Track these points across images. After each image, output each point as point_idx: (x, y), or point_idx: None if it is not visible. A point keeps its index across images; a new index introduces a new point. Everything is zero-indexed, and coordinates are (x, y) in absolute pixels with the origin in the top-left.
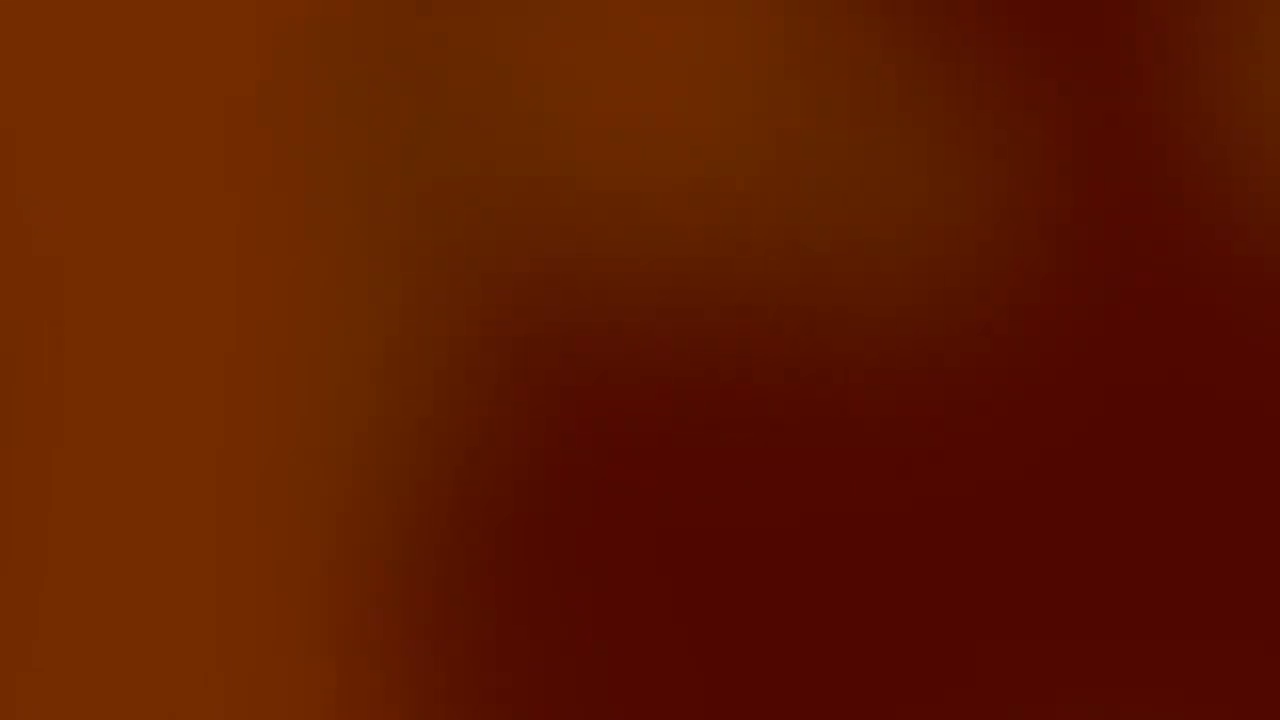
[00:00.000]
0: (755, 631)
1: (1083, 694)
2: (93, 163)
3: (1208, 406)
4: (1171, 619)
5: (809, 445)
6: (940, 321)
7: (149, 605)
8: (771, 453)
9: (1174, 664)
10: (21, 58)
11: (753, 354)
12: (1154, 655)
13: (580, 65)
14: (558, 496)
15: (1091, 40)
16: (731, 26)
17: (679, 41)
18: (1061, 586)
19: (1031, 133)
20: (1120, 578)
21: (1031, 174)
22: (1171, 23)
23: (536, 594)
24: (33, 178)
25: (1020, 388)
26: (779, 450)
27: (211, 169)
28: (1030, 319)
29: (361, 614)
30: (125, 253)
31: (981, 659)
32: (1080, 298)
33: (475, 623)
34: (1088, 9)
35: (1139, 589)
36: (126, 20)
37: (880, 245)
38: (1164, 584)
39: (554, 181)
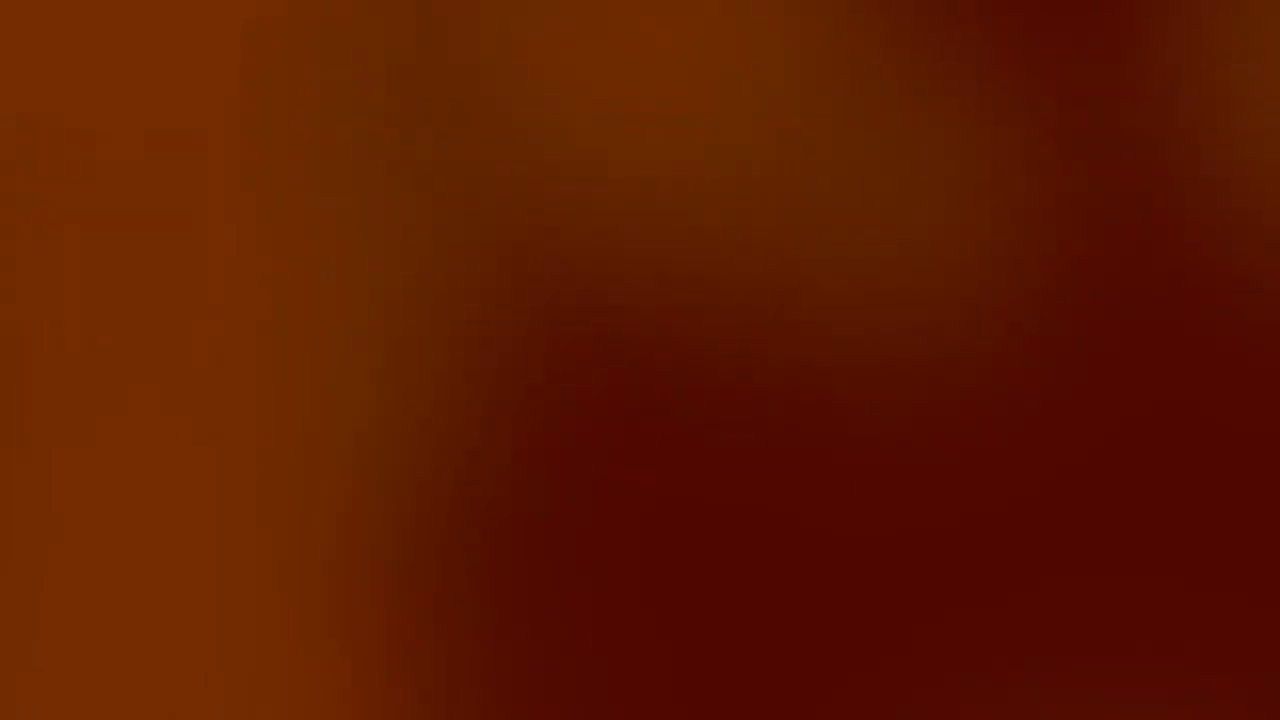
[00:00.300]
0: (755, 632)
1: (1081, 696)
2: (92, 162)
3: (1208, 409)
4: (1175, 621)
5: (810, 446)
6: (941, 321)
7: (149, 605)
8: (772, 453)
9: (1174, 668)
10: (23, 56)
11: (753, 354)
12: (1154, 657)
13: (580, 66)
14: (558, 496)
15: (1093, 40)
16: (731, 26)
17: (679, 41)
18: (1066, 591)
19: (1033, 132)
20: (1123, 582)
21: (1033, 173)
22: (1174, 23)
23: (536, 594)
24: (32, 177)
25: (1021, 387)
26: (780, 451)
27: (211, 168)
28: (1032, 318)
29: (361, 614)
30: (125, 253)
31: (980, 661)
32: (1082, 297)
33: (475, 623)
34: (1089, 9)
35: (1142, 593)
36: (125, 18)
37: (881, 245)
38: (1167, 587)
39: (554, 182)
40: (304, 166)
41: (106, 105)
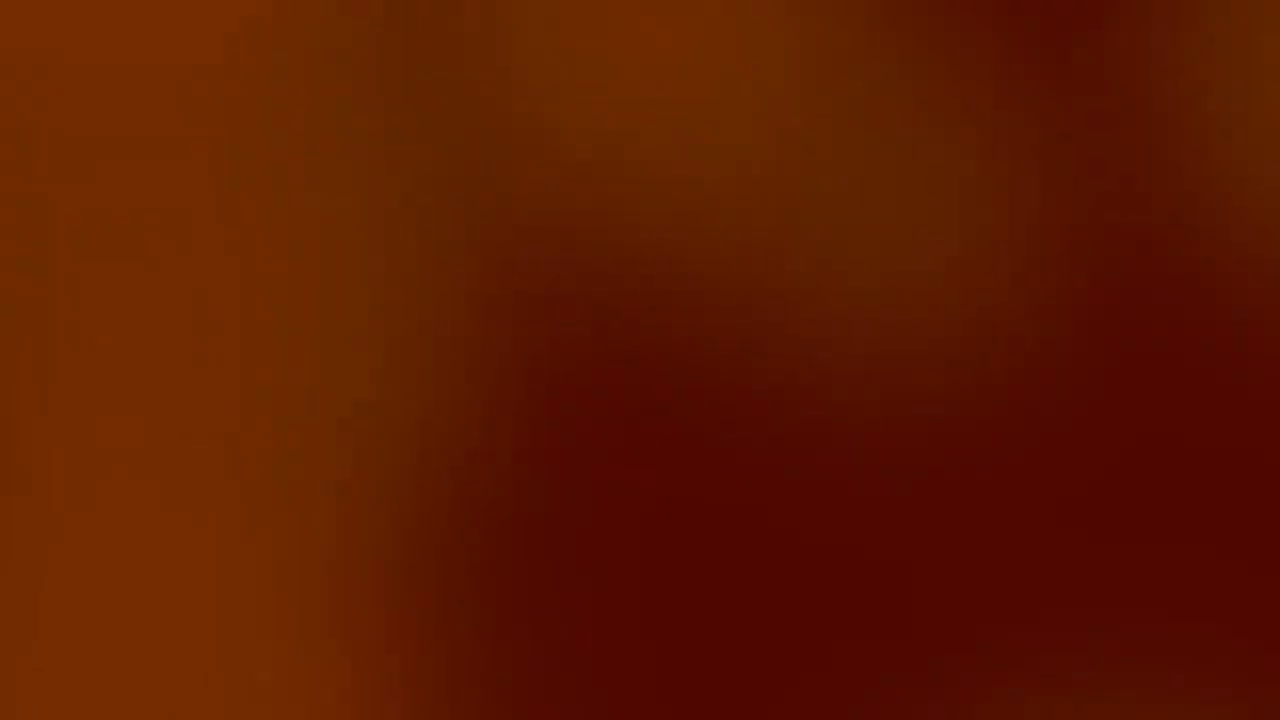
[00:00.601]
0: (756, 632)
1: (1086, 699)
2: (92, 162)
3: (1214, 412)
4: (1182, 622)
5: (810, 446)
6: (942, 321)
7: (149, 605)
8: (773, 453)
9: (1177, 669)
10: (22, 54)
11: (753, 355)
12: (1158, 659)
13: (581, 66)
14: (558, 496)
15: (1096, 41)
16: (732, 26)
17: (679, 41)
18: (1072, 594)
19: (1035, 132)
20: (1127, 583)
21: (1035, 173)
22: (1177, 24)
23: (536, 594)
24: (31, 177)
25: (1024, 387)
26: (780, 451)
27: (212, 167)
28: (1033, 318)
29: (361, 614)
30: (124, 253)
31: (982, 664)
32: (1086, 298)
33: (475, 623)
34: (1092, 10)
35: (1148, 594)
36: (125, 17)
37: (881, 245)
38: (1173, 589)
39: (553, 182)
40: (302, 166)
41: (104, 104)
